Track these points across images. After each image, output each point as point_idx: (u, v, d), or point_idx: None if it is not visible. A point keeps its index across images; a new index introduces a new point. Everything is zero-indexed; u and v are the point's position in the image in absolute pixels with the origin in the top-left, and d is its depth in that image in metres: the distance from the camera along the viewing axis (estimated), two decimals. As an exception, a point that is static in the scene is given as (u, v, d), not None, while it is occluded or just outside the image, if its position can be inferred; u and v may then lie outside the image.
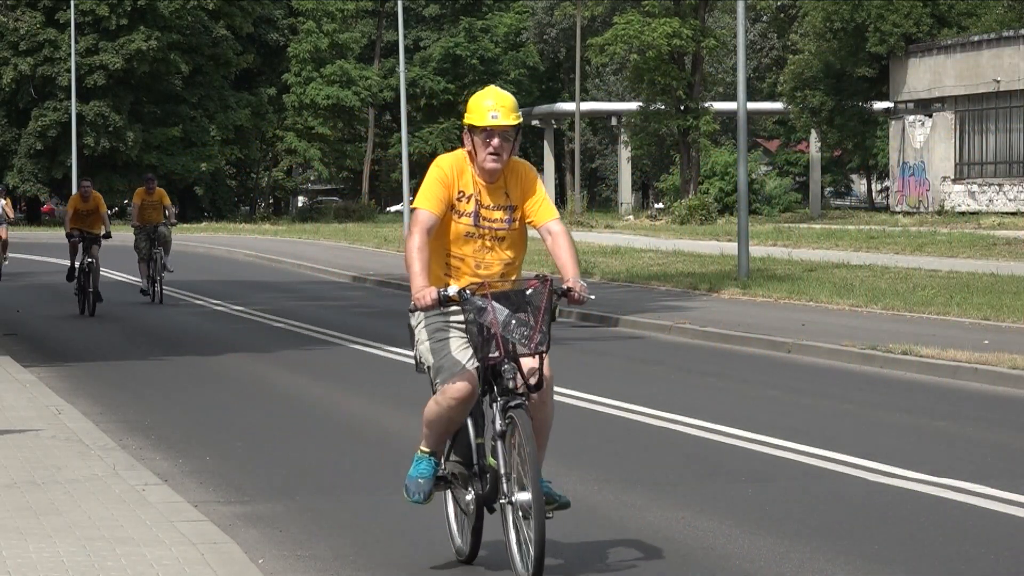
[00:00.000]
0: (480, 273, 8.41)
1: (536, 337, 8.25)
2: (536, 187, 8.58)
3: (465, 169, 8.46)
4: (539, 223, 8.59)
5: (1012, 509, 10.28)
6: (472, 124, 8.42)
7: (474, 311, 8.13)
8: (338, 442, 13.44)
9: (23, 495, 10.20)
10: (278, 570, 8.78)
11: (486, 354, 8.17)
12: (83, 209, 27.84)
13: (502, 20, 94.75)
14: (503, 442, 8.18)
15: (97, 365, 19.61)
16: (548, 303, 8.35)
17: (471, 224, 8.43)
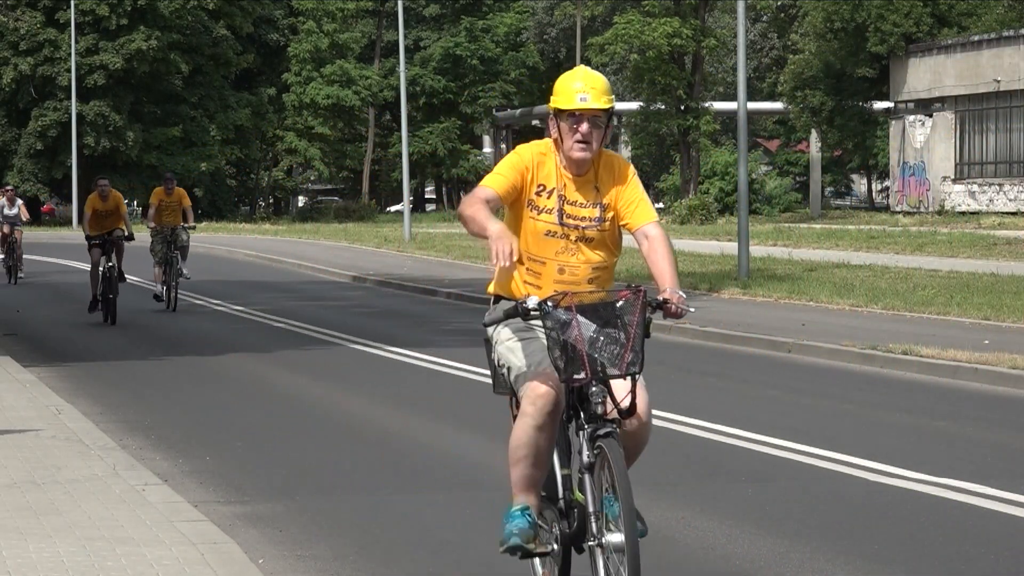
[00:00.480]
0: (564, 279, 7.45)
1: (627, 356, 7.21)
2: (632, 185, 7.67)
3: (547, 160, 7.54)
4: (635, 226, 7.65)
5: (1012, 509, 10.28)
6: (558, 107, 7.47)
7: (557, 326, 7.16)
8: (338, 442, 13.45)
9: (23, 495, 10.20)
10: (278, 570, 8.78)
11: (571, 375, 7.17)
12: (102, 210, 25.98)
13: (502, 20, 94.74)
14: (591, 476, 7.21)
15: (97, 365, 19.61)
16: (641, 317, 7.27)
17: (554, 221, 7.48)
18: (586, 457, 7.22)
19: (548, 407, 7.28)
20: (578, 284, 7.42)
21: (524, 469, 7.40)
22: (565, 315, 7.17)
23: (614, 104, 7.45)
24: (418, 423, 14.52)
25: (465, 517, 10.22)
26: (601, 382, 7.21)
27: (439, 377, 18.19)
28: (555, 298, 7.22)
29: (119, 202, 26.33)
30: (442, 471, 11.95)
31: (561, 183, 7.50)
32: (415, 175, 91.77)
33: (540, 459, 7.38)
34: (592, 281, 7.49)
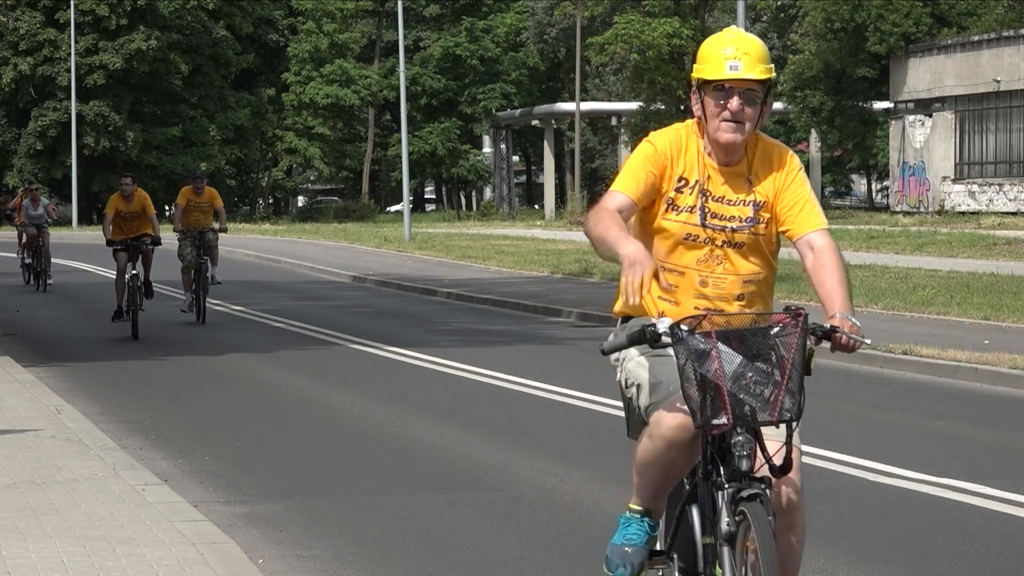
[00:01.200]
0: (706, 294, 6.11)
1: (782, 398, 5.89)
2: (796, 181, 6.30)
3: (689, 146, 6.17)
4: (797, 234, 6.15)
5: (1012, 509, 10.28)
6: (702, 78, 6.07)
7: (692, 357, 5.71)
8: (338, 442, 13.45)
9: (23, 495, 10.20)
10: (278, 570, 8.78)
11: (708, 420, 5.74)
12: (126, 212, 23.33)
13: (503, 20, 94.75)
14: (731, 547, 5.89)
15: (97, 365, 19.61)
16: (801, 348, 5.82)
17: (696, 223, 6.12)
18: (726, 525, 5.86)
19: (682, 443, 6.00)
20: (725, 301, 6.10)
21: (650, 485, 6.22)
22: (703, 343, 5.71)
23: (773, 74, 6.07)
24: (418, 423, 14.52)
25: (465, 517, 10.22)
26: (747, 430, 5.86)
27: (439, 377, 18.19)
28: (691, 321, 5.80)
29: (145, 203, 23.56)
30: (442, 471, 11.95)
31: (705, 174, 6.14)
32: (415, 175, 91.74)
33: (669, 484, 6.23)
34: (742, 298, 6.15)
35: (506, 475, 11.76)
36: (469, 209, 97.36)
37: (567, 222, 67.63)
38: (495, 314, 27.19)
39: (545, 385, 16.86)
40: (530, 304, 27.64)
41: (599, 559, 8.97)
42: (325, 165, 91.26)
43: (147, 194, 23.92)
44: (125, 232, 23.25)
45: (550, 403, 15.80)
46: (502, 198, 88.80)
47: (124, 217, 23.32)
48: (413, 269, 38.72)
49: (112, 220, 23.28)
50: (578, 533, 9.69)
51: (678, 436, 5.96)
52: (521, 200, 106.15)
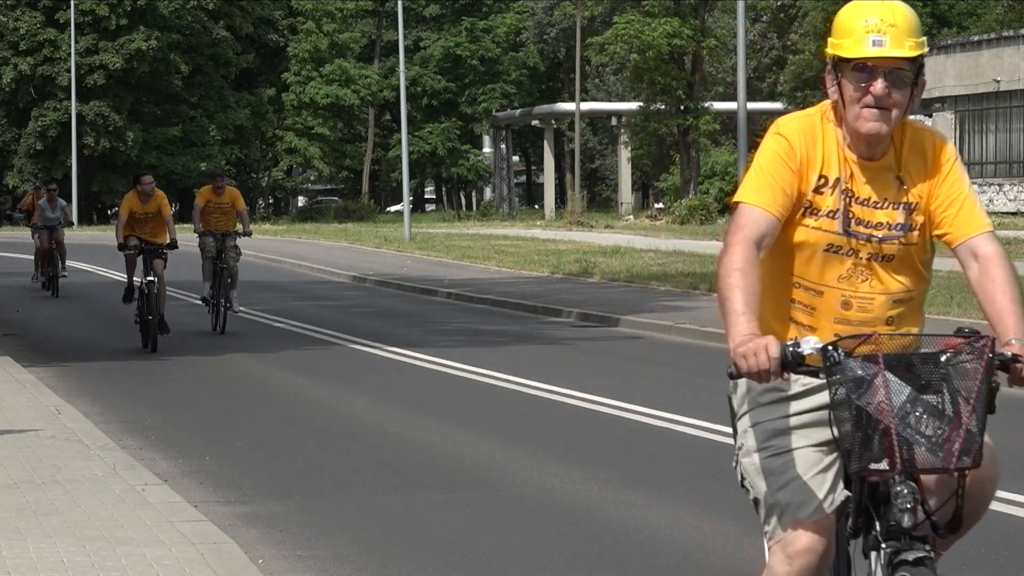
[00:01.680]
0: (849, 317, 5.10)
1: (957, 439, 4.91)
2: (953, 174, 5.16)
3: (826, 136, 5.13)
4: (957, 238, 5.19)
5: (1012, 509, 10.28)
6: (838, 55, 5.01)
7: (850, 384, 4.74)
8: (338, 442, 13.44)
9: (23, 495, 10.20)
10: (278, 570, 8.78)
11: (866, 464, 4.81)
12: (141, 213, 21.55)
13: (503, 20, 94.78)
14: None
15: (97, 365, 19.61)
16: (986, 380, 4.95)
17: (837, 231, 5.09)
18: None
19: (811, 565, 5.12)
20: (870, 327, 5.07)
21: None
22: (866, 369, 4.74)
23: (926, 49, 5.04)
24: (418, 423, 14.52)
25: (465, 517, 10.22)
26: (910, 477, 4.86)
27: (439, 377, 18.19)
28: (850, 341, 4.83)
29: (162, 204, 21.67)
30: (442, 471, 11.95)
31: (846, 171, 5.10)
32: (415, 175, 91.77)
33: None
34: (891, 322, 5.16)
35: (506, 475, 11.76)
36: (469, 209, 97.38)
37: (567, 222, 67.63)
38: (495, 314, 27.19)
39: (545, 385, 16.86)
40: (530, 304, 27.64)
41: (599, 559, 8.98)
42: (325, 165, 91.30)
43: (164, 195, 22.06)
44: (139, 233, 21.54)
45: (550, 403, 15.80)
46: (502, 198, 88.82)
47: (138, 219, 21.50)
48: (413, 269, 38.72)
49: (126, 223, 21.44)
50: (578, 533, 9.69)
51: (810, 561, 5.09)
52: (521, 200, 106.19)
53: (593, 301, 27.37)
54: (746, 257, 4.90)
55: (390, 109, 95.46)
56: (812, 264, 5.10)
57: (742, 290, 4.85)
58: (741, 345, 4.72)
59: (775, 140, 5.12)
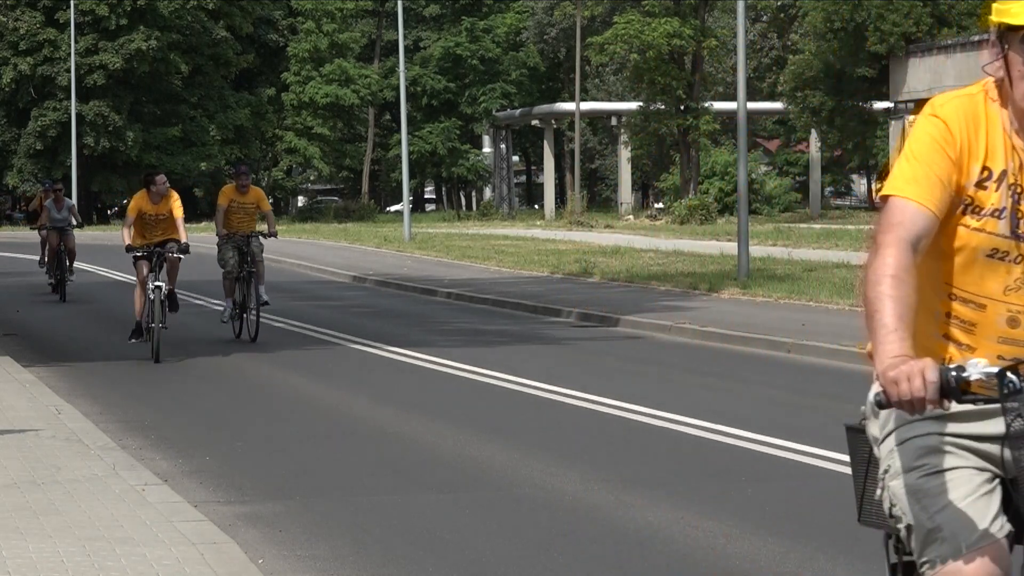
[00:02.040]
0: (1017, 337, 4.36)
1: None
2: None
3: (990, 120, 4.37)
4: None
5: (1012, 509, 10.27)
6: (1006, 23, 4.28)
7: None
8: (338, 442, 13.45)
9: (23, 495, 10.20)
10: (278, 570, 8.78)
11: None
12: (152, 214, 20.07)
13: (503, 20, 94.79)
14: None
15: (97, 365, 19.61)
16: None
17: (1003, 233, 4.32)
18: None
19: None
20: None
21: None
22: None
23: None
24: (418, 423, 14.52)
25: (465, 517, 10.22)
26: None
27: (439, 377, 18.19)
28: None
29: (174, 205, 20.18)
30: (442, 471, 11.95)
31: (1014, 162, 4.33)
32: (415, 175, 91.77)
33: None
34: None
35: (506, 475, 11.76)
36: (469, 209, 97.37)
37: (567, 222, 67.64)
38: (495, 314, 27.19)
39: (545, 385, 16.86)
40: (530, 304, 27.64)
41: (599, 559, 8.98)
42: (325, 165, 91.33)
43: (178, 195, 20.46)
44: (147, 238, 20.07)
45: (550, 403, 15.80)
46: (502, 198, 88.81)
47: (148, 221, 20.01)
48: (413, 269, 38.72)
49: (134, 223, 20.05)
50: (578, 533, 9.69)
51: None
52: (521, 200, 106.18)
53: (593, 301, 27.37)
54: (901, 261, 4.12)
55: (390, 109, 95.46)
56: (971, 272, 4.32)
57: (895, 301, 4.08)
58: (892, 368, 4.00)
59: (930, 123, 4.31)
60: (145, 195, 20.01)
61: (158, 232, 20.14)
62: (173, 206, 20.05)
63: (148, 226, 20.12)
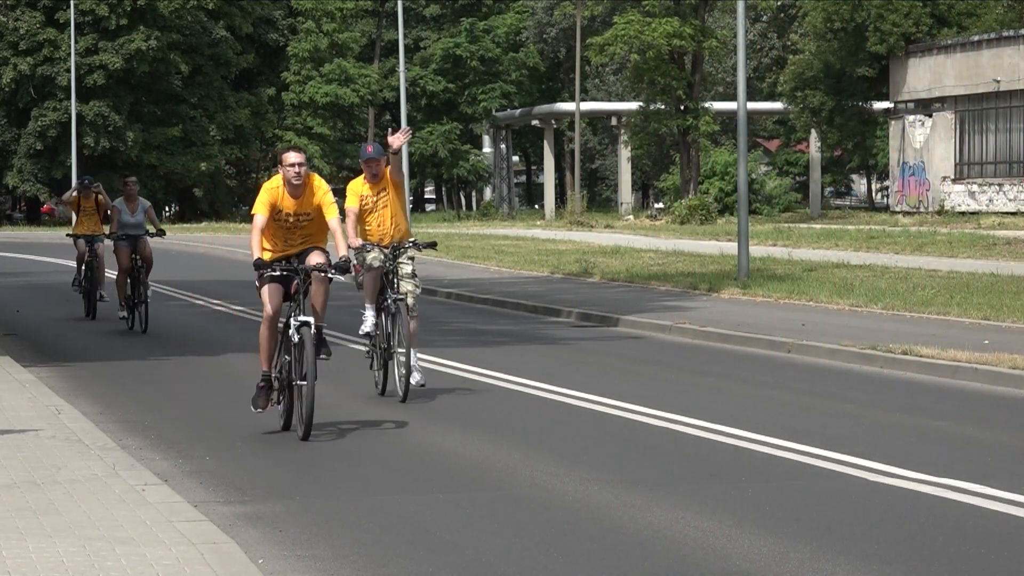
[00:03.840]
0: None
1: None
2: None
3: None
4: None
5: (1012, 509, 10.28)
6: None
7: None
8: (338, 442, 13.44)
9: (23, 495, 10.20)
10: (278, 570, 8.78)
11: None
12: (292, 213, 13.60)
13: (503, 20, 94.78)
14: None
15: (97, 365, 19.60)
16: None
17: None
18: None
19: None
20: None
21: None
22: None
23: None
24: (418, 423, 14.52)
25: (465, 517, 10.22)
26: None
27: (440, 377, 18.18)
28: None
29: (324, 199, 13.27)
30: (442, 471, 11.95)
31: None
32: (415, 175, 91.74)
33: None
34: None
35: (506, 475, 11.76)
36: (469, 209, 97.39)
37: (567, 222, 67.62)
38: (495, 314, 27.18)
39: (545, 385, 16.86)
40: (530, 304, 27.63)
41: (599, 559, 8.98)
42: (325, 164, 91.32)
43: (323, 182, 13.79)
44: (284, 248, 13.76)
45: (550, 403, 15.80)
46: (502, 198, 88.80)
47: (286, 224, 13.69)
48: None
49: (264, 227, 13.59)
50: (578, 533, 9.69)
51: None
52: (521, 200, 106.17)
53: (593, 301, 27.36)
54: None
55: (390, 109, 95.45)
56: None
57: None
58: None
59: None
60: (282, 184, 13.62)
61: (297, 240, 13.91)
62: (322, 201, 13.72)
63: (286, 232, 13.81)
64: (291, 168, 13.48)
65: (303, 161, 13.56)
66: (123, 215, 24.46)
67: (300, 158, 13.52)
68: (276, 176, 13.65)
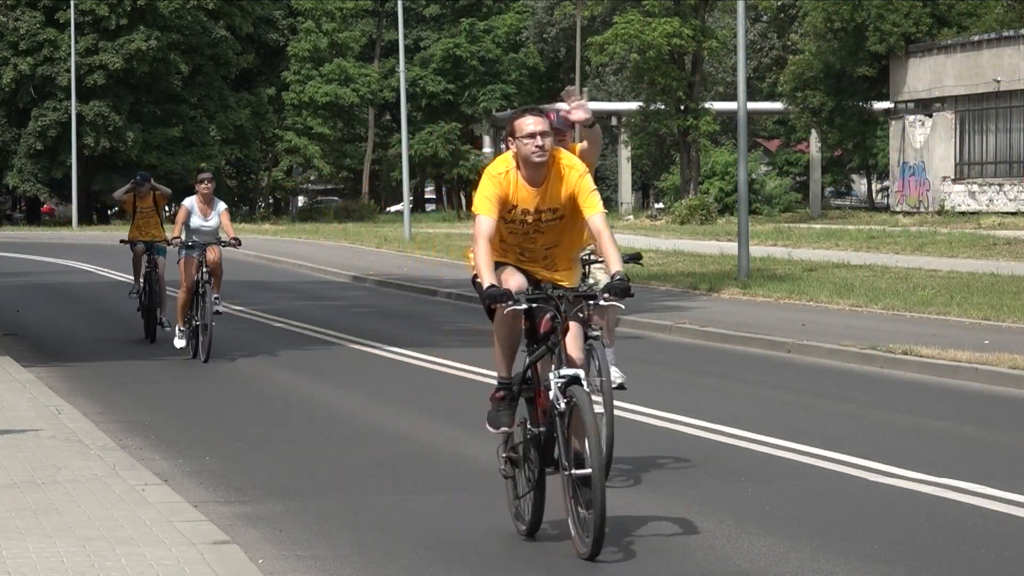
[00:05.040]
0: None
1: None
2: None
3: None
4: None
5: (1012, 509, 10.28)
6: None
7: None
8: (338, 442, 13.45)
9: (23, 495, 10.20)
10: (278, 570, 8.78)
11: None
12: (538, 208, 10.27)
13: (503, 20, 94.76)
14: None
15: (97, 365, 19.60)
16: None
17: None
18: None
19: None
20: None
21: None
22: None
23: None
24: (418, 423, 14.52)
25: (465, 517, 10.22)
26: None
27: (439, 377, 18.19)
28: None
29: (581, 190, 12.87)
30: (442, 471, 11.95)
31: None
32: (415, 175, 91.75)
33: None
34: None
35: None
36: (469, 209, 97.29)
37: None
38: (495, 314, 27.15)
39: (545, 385, 16.84)
40: (530, 304, 27.58)
41: (599, 559, 8.97)
42: (325, 164, 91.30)
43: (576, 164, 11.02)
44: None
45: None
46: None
47: (524, 230, 10.66)
48: (413, 269, 38.72)
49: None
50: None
51: None
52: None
53: (593, 301, 27.32)
54: None
55: (390, 109, 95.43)
56: None
57: None
58: None
59: None
60: (517, 169, 13.44)
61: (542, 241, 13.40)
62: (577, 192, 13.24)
63: (520, 242, 13.08)
64: (530, 141, 9.17)
65: (547, 129, 9.22)
66: (194, 218, 20.25)
67: (542, 125, 9.20)
68: (503, 157, 9.48)
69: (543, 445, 9.15)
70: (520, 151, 9.20)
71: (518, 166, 9.28)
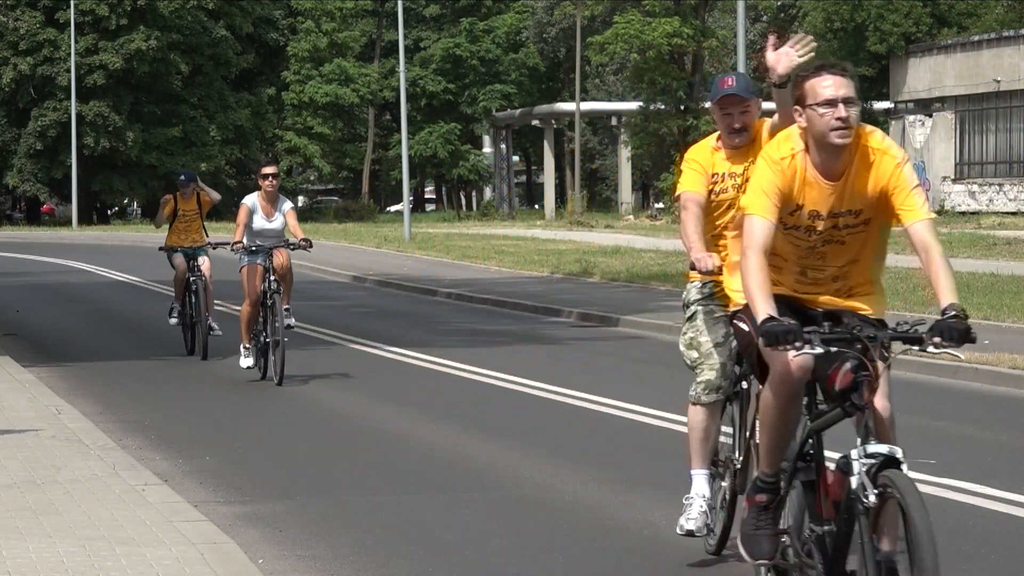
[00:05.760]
0: None
1: None
2: None
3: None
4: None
5: (1012, 509, 10.28)
6: None
7: None
8: (338, 442, 13.45)
9: (23, 495, 10.19)
10: (278, 570, 8.78)
11: None
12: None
13: (503, 20, 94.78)
14: None
15: (97, 365, 19.60)
16: None
17: None
18: None
19: None
20: None
21: None
22: None
23: None
24: (418, 423, 14.52)
25: (465, 517, 10.22)
26: None
27: (439, 377, 18.19)
28: None
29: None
30: (442, 471, 11.95)
31: None
32: (415, 175, 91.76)
33: None
34: None
35: (506, 475, 11.76)
36: (469, 209, 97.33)
37: (567, 222, 67.60)
38: (495, 314, 27.18)
39: (545, 385, 16.86)
40: (530, 304, 27.63)
41: (599, 559, 8.98)
42: (325, 164, 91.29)
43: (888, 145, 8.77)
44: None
45: (550, 403, 15.80)
46: (502, 198, 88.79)
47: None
48: (413, 269, 38.71)
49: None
50: (578, 533, 9.69)
51: None
52: (521, 200, 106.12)
53: (593, 301, 27.36)
54: None
55: (390, 109, 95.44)
56: None
57: None
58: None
59: None
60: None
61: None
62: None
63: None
64: (828, 111, 6.64)
65: (852, 95, 6.78)
66: (256, 219, 17.59)
67: (846, 88, 6.80)
68: (785, 133, 6.88)
69: (833, 551, 6.50)
70: (812, 126, 6.53)
71: (807, 148, 6.59)
